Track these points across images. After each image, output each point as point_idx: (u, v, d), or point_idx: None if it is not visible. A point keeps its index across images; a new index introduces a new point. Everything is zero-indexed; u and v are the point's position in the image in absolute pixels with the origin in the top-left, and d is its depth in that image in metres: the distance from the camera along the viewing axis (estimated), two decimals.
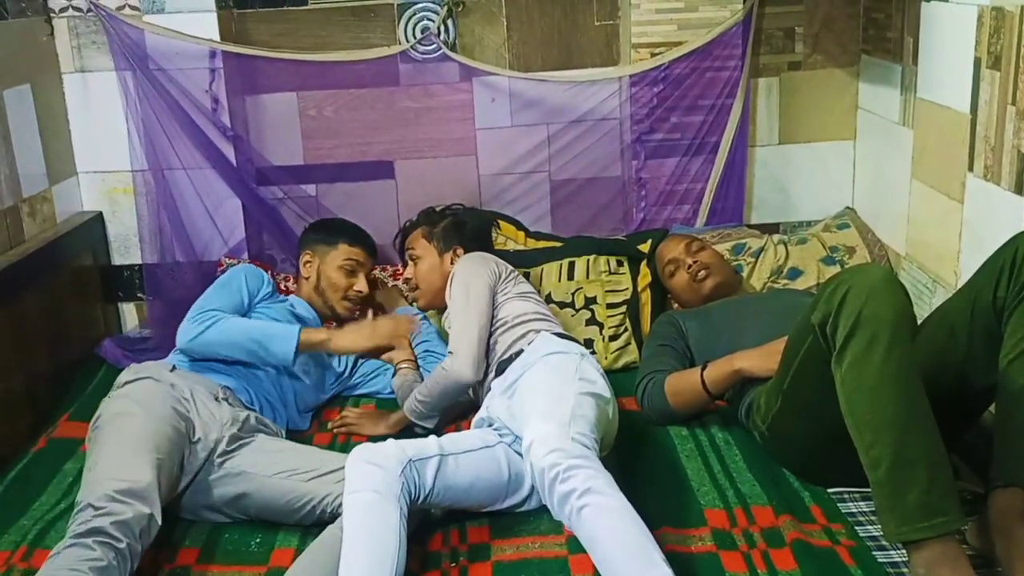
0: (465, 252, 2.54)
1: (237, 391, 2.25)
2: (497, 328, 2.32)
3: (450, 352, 2.29)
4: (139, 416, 1.97)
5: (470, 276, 2.37)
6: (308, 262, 2.63)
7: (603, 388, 2.04)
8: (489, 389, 2.22)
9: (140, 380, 2.11)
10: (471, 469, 1.90)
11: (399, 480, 1.75)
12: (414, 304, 2.69)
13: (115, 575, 1.64)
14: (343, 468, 1.92)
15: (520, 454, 1.95)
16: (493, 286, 2.38)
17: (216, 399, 2.16)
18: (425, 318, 2.67)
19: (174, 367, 2.23)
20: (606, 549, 1.62)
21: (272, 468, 2.00)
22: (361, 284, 2.60)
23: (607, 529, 1.62)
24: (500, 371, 2.21)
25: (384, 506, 1.71)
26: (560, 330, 2.32)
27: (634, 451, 2.19)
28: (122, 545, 1.66)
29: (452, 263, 2.53)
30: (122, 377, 2.16)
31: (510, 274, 2.46)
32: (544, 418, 1.81)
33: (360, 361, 2.65)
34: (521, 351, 2.19)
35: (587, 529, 1.64)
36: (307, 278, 2.62)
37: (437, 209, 2.70)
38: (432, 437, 1.92)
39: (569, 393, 1.91)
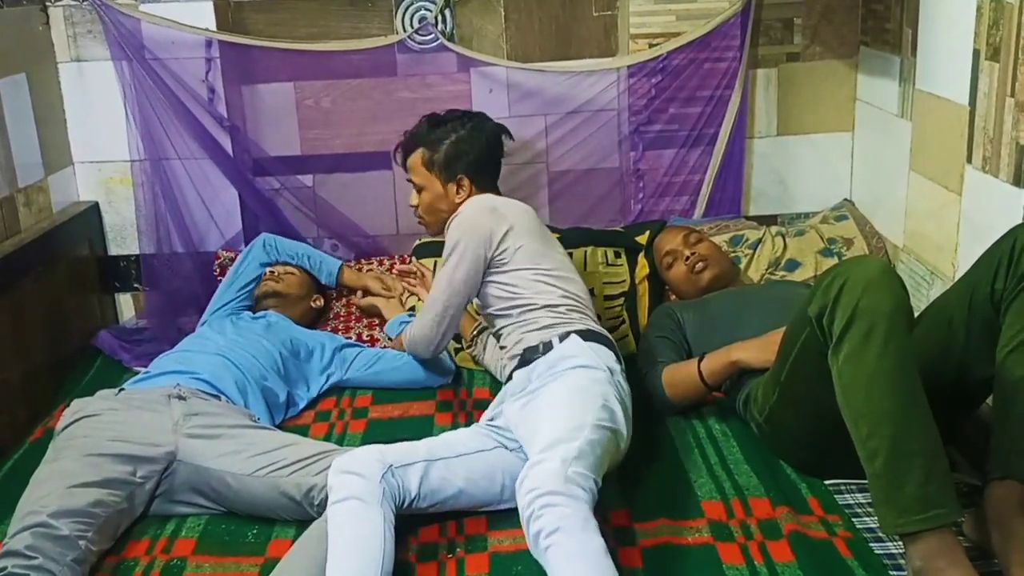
0: (470, 182, 2.37)
1: (204, 388, 2.24)
2: (523, 306, 2.19)
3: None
4: (65, 458, 1.97)
5: (465, 249, 2.22)
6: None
7: (620, 422, 1.95)
8: (510, 378, 2.15)
9: (76, 422, 2.09)
10: (462, 474, 1.89)
11: (380, 486, 1.74)
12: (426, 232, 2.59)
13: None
14: (321, 454, 1.95)
15: (523, 456, 1.91)
16: (487, 255, 2.22)
17: (169, 398, 2.14)
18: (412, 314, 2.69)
19: (122, 389, 2.23)
20: None
21: (250, 466, 1.97)
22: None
23: (563, 573, 1.58)
24: (525, 361, 2.12)
25: (368, 512, 1.71)
26: (592, 321, 2.20)
27: (631, 443, 2.18)
28: (37, 561, 1.69)
29: (458, 193, 2.38)
30: (63, 420, 2.13)
31: (515, 232, 2.24)
32: (550, 448, 1.73)
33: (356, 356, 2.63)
34: (551, 346, 2.10)
35: (550, 569, 1.60)
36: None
37: (440, 123, 2.43)
38: (422, 441, 1.91)
39: (587, 422, 1.83)
